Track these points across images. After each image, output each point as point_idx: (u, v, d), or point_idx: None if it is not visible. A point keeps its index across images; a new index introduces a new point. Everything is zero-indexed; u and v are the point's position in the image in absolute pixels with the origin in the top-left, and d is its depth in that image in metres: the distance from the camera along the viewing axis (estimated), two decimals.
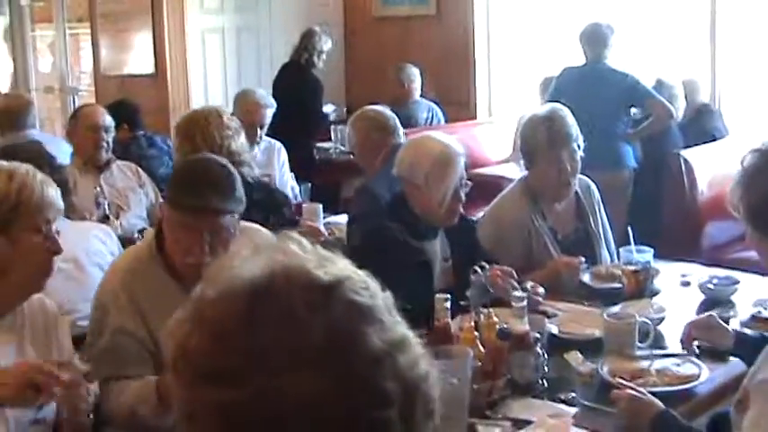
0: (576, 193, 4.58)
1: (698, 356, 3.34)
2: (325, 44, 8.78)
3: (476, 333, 3.16)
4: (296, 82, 8.68)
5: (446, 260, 4.04)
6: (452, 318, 3.30)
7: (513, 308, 3.17)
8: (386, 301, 1.30)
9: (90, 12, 10.97)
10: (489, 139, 8.73)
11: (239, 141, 4.70)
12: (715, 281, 4.11)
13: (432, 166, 3.88)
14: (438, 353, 2.91)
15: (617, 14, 8.30)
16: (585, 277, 4.25)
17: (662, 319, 3.70)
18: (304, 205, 5.95)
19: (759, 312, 3.75)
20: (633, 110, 7.10)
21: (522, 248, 4.36)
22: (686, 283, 4.27)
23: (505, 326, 3.15)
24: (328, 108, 9.11)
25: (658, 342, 3.52)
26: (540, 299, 3.84)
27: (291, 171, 6.86)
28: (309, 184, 6.38)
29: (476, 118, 9.26)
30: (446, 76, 9.47)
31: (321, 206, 5.88)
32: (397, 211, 3.98)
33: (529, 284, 3.81)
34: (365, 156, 5.52)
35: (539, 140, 4.39)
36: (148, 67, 10.03)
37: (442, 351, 2.91)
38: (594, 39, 7.04)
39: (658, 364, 3.26)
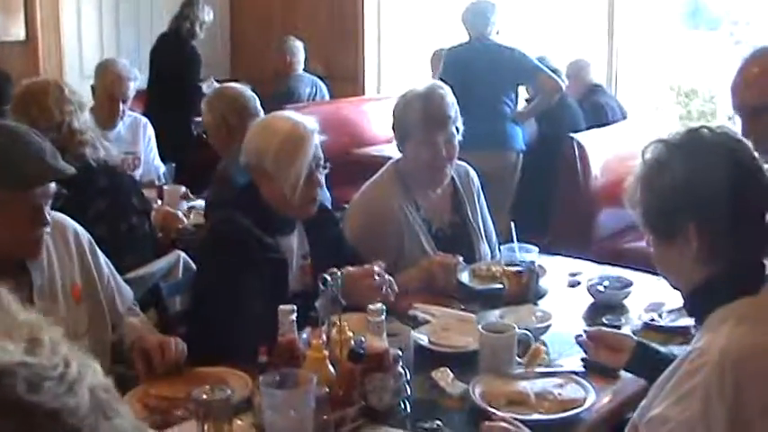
0: (454, 181, 4.14)
1: (584, 373, 2.91)
2: (207, 15, 8.31)
3: (325, 351, 2.69)
4: (173, 53, 8.24)
5: (305, 257, 3.56)
6: (307, 328, 2.84)
7: (368, 322, 2.70)
8: None
9: None
10: (377, 117, 8.26)
11: (82, 118, 4.15)
12: (606, 283, 3.68)
13: (279, 147, 3.39)
14: (279, 379, 2.47)
15: None
16: (464, 276, 3.80)
17: (546, 329, 3.26)
18: (165, 187, 5.49)
19: (653, 320, 3.33)
20: (522, 88, 6.71)
21: (393, 242, 3.91)
22: (575, 283, 3.85)
23: (362, 341, 2.68)
24: (209, 82, 8.53)
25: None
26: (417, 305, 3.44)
27: (167, 148, 6.40)
28: (174, 165, 5.86)
29: (364, 94, 8.81)
30: (334, 49, 9.13)
31: (184, 188, 5.42)
32: (247, 201, 3.48)
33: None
34: (220, 138, 5.08)
35: (412, 120, 3.95)
36: (19, 33, 9.39)
37: (282, 376, 2.46)
38: (475, 16, 6.70)
39: (539, 384, 2.82)
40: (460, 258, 3.77)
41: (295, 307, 2.73)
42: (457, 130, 3.98)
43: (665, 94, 8.36)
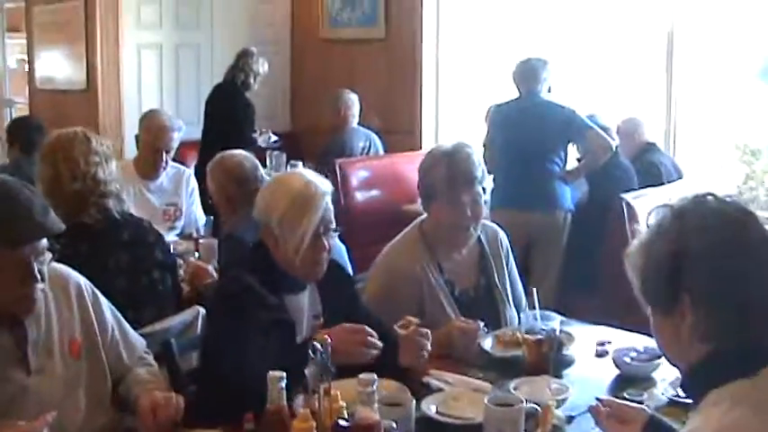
0: (481, 242, 3.98)
1: None
2: (262, 66, 8.32)
3: (312, 422, 2.55)
4: (227, 103, 8.27)
5: (316, 317, 3.42)
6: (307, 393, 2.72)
7: (359, 392, 2.55)
8: None
9: (26, 22, 10.48)
10: None
11: (108, 170, 4.09)
12: (633, 354, 3.49)
13: (287, 207, 3.27)
14: None
15: (569, 47, 7.87)
16: (486, 343, 3.64)
17: (562, 402, 3.08)
18: (200, 241, 5.40)
19: (677, 395, 3.13)
20: (572, 146, 6.55)
21: (411, 305, 3.76)
22: (603, 353, 3.65)
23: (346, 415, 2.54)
24: (266, 135, 8.48)
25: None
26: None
27: None
28: (212, 217, 5.75)
29: (421, 148, 8.69)
30: (392, 102, 9.04)
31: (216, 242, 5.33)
32: (256, 259, 3.36)
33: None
34: (222, 205, 5.08)
35: (438, 179, 3.82)
36: (81, 82, 9.48)
37: None
38: (526, 73, 6.57)
39: None
40: (481, 324, 3.61)
41: (284, 374, 2.60)
42: (484, 190, 3.85)
43: (729, 152, 8.11)
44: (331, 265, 3.48)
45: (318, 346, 2.65)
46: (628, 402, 2.92)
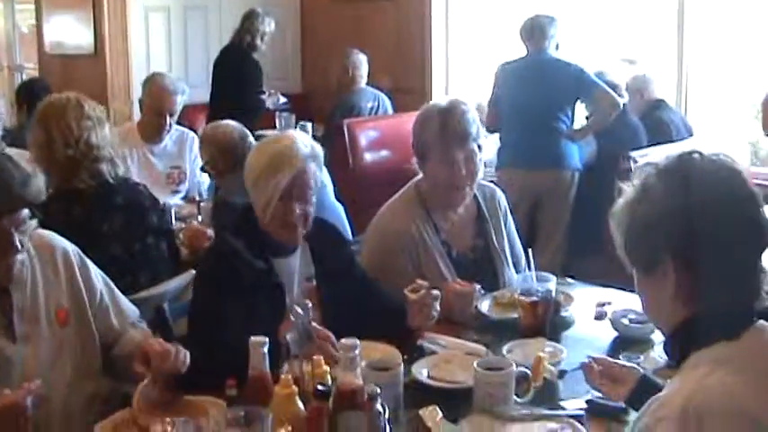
0: (478, 202, 3.91)
1: (584, 417, 2.68)
2: (268, 26, 8.26)
3: (294, 387, 2.49)
4: (234, 66, 8.21)
5: (309, 280, 3.34)
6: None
7: (341, 357, 2.50)
8: None
9: None
10: None
11: (101, 134, 4.04)
12: (632, 315, 3.42)
13: (263, 166, 3.21)
14: (244, 415, 2.30)
15: (579, 6, 7.77)
16: (484, 305, 3.57)
17: (556, 365, 3.01)
18: (202, 204, 5.36)
19: None
20: (580, 104, 6.46)
21: (407, 267, 3.69)
22: (602, 315, 3.58)
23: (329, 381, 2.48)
24: (274, 97, 8.40)
25: (546, 395, 2.85)
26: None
27: None
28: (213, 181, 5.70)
29: None
30: (402, 62, 8.99)
31: None
32: (242, 223, 3.30)
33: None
34: (215, 173, 5.05)
35: (431, 136, 3.73)
36: (89, 47, 9.43)
37: (248, 413, 2.28)
38: (533, 31, 6.47)
39: (533, 428, 2.59)
40: (477, 287, 3.54)
41: (267, 339, 2.55)
42: (479, 147, 3.74)
43: (743, 109, 7.99)
44: (324, 226, 3.43)
45: (299, 310, 2.59)
46: (619, 361, 2.87)
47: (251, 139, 4.98)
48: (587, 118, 6.57)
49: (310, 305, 2.67)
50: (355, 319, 3.18)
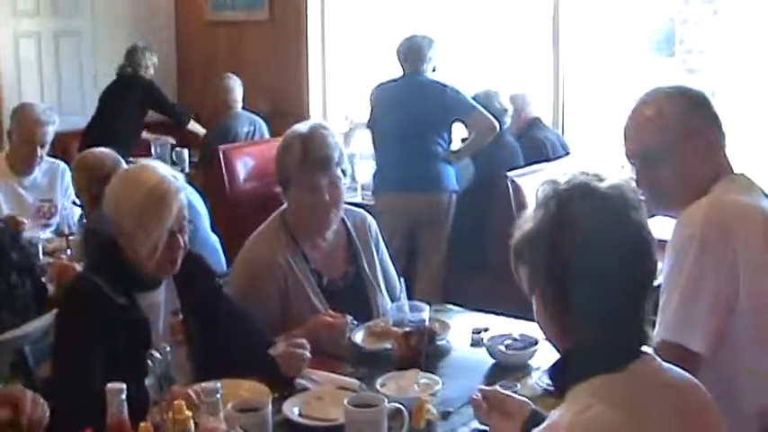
0: (347, 228, 3.82)
1: None
2: (150, 59, 8.34)
3: None
4: (126, 93, 8.22)
5: (175, 314, 3.21)
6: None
7: (202, 402, 2.39)
8: None
9: None
10: None
11: None
12: (508, 341, 3.35)
13: (141, 206, 3.06)
14: None
15: (455, 26, 7.76)
16: (358, 336, 3.48)
17: (432, 396, 2.92)
18: (71, 237, 5.19)
19: (551, 384, 2.99)
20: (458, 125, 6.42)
21: (275, 299, 3.58)
22: (478, 342, 3.51)
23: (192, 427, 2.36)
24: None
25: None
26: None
27: None
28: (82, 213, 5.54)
29: None
30: (280, 85, 8.86)
31: None
32: (105, 257, 3.17)
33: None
34: (86, 202, 4.93)
35: (292, 162, 3.64)
36: None
37: None
38: (410, 51, 6.36)
39: None
40: (350, 318, 3.44)
41: (124, 386, 2.42)
42: (343, 172, 3.67)
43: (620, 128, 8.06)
44: (190, 259, 3.29)
45: (157, 354, 2.47)
46: (511, 394, 2.79)
47: (124, 165, 4.83)
48: (463, 140, 6.51)
49: (169, 348, 2.54)
50: (224, 355, 3.09)
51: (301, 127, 3.72)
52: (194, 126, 8.55)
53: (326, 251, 3.75)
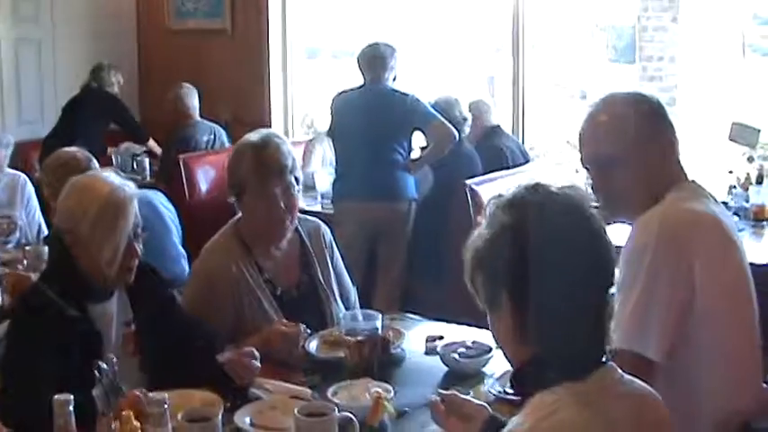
0: (301, 237, 3.80)
1: None
2: (115, 77, 8.44)
3: None
4: (91, 105, 8.25)
5: (127, 324, 3.20)
6: None
7: (148, 413, 2.37)
8: None
9: None
10: None
11: None
12: (461, 349, 3.36)
13: (97, 216, 3.06)
14: None
15: (415, 35, 7.77)
16: (312, 344, 3.46)
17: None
18: (27, 248, 5.13)
19: (504, 392, 3.01)
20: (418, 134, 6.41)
21: (229, 309, 3.56)
22: (432, 350, 3.51)
23: None
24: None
25: None
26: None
27: None
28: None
29: None
30: (241, 93, 8.83)
31: (47, 248, 5.06)
32: (56, 268, 3.16)
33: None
34: (53, 201, 4.71)
35: (245, 171, 3.62)
36: None
37: None
38: (371, 60, 6.34)
39: None
40: (303, 326, 3.43)
41: (71, 397, 2.40)
42: (297, 180, 3.66)
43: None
44: (142, 269, 3.28)
45: (104, 365, 2.45)
46: (469, 398, 2.79)
47: (96, 163, 4.80)
48: (422, 149, 6.51)
49: (116, 359, 2.53)
50: (176, 365, 3.08)
51: (253, 136, 3.71)
52: (152, 145, 8.51)
53: (280, 260, 3.73)
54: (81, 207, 3.11)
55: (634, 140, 2.81)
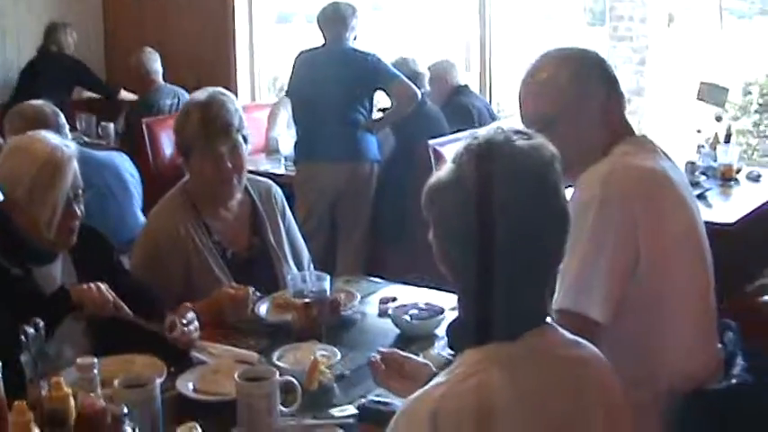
0: (252, 199, 3.72)
1: (354, 424, 2.54)
2: (71, 35, 8.45)
3: (31, 414, 2.26)
4: (52, 71, 8.24)
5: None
6: None
7: (79, 377, 2.29)
8: None
9: None
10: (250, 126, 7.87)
11: None
12: (413, 311, 3.28)
13: (35, 176, 2.97)
14: None
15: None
16: (263, 308, 3.38)
17: (330, 368, 2.85)
18: None
19: (454, 354, 2.93)
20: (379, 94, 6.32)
21: (178, 271, 3.49)
22: (384, 312, 3.44)
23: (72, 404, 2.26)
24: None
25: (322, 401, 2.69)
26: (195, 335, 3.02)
27: None
28: None
29: None
30: (206, 57, 8.74)
31: None
32: None
33: (173, 318, 3.00)
34: None
35: (191, 131, 3.53)
36: None
37: None
38: (333, 19, 6.21)
39: None
40: (252, 289, 3.36)
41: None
42: (245, 139, 3.58)
43: None
44: (87, 233, 3.19)
45: (31, 330, 2.37)
46: (411, 356, 2.71)
47: (63, 118, 4.70)
48: (382, 110, 6.41)
49: (42, 323, 2.44)
50: (121, 330, 2.99)
51: (200, 95, 3.64)
52: (125, 94, 8.44)
53: (230, 222, 3.65)
54: (18, 169, 3.03)
55: (570, 98, 2.71)
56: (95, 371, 2.28)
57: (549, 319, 1.99)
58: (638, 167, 2.66)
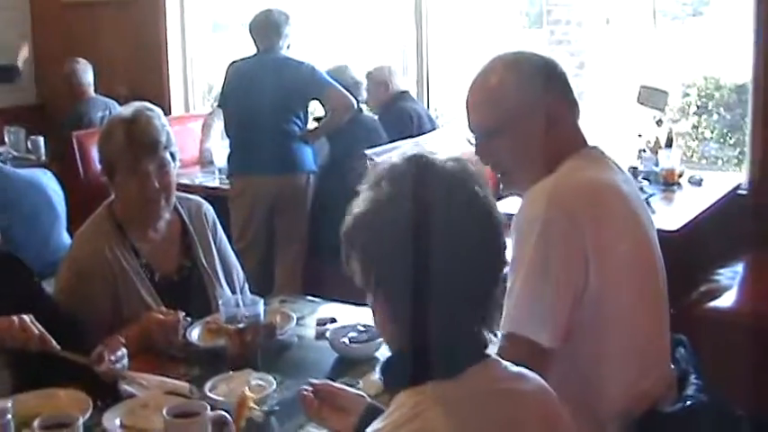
0: (182, 219, 3.56)
1: None
2: None
3: None
4: None
5: None
6: None
7: None
8: None
9: None
10: (182, 138, 7.70)
11: None
12: (352, 333, 3.14)
13: None
14: None
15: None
16: (194, 333, 3.22)
17: (264, 399, 2.70)
18: None
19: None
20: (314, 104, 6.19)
21: (103, 297, 3.31)
22: (322, 335, 3.29)
23: None
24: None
25: None
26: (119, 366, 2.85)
27: None
28: None
29: (170, 114, 8.21)
30: (139, 68, 8.58)
31: None
32: None
33: (101, 350, 2.83)
34: None
35: (116, 148, 3.37)
36: None
37: None
38: (265, 27, 6.09)
39: None
40: (182, 314, 3.20)
41: None
42: (173, 156, 3.42)
43: None
44: (6, 259, 3.03)
45: None
46: (344, 387, 2.56)
47: None
48: (317, 119, 6.29)
49: None
50: (43, 362, 2.82)
51: (125, 110, 3.48)
52: None
53: (159, 243, 3.48)
54: None
55: (516, 107, 2.58)
56: (9, 416, 2.12)
57: (489, 350, 1.86)
58: (587, 181, 2.54)
